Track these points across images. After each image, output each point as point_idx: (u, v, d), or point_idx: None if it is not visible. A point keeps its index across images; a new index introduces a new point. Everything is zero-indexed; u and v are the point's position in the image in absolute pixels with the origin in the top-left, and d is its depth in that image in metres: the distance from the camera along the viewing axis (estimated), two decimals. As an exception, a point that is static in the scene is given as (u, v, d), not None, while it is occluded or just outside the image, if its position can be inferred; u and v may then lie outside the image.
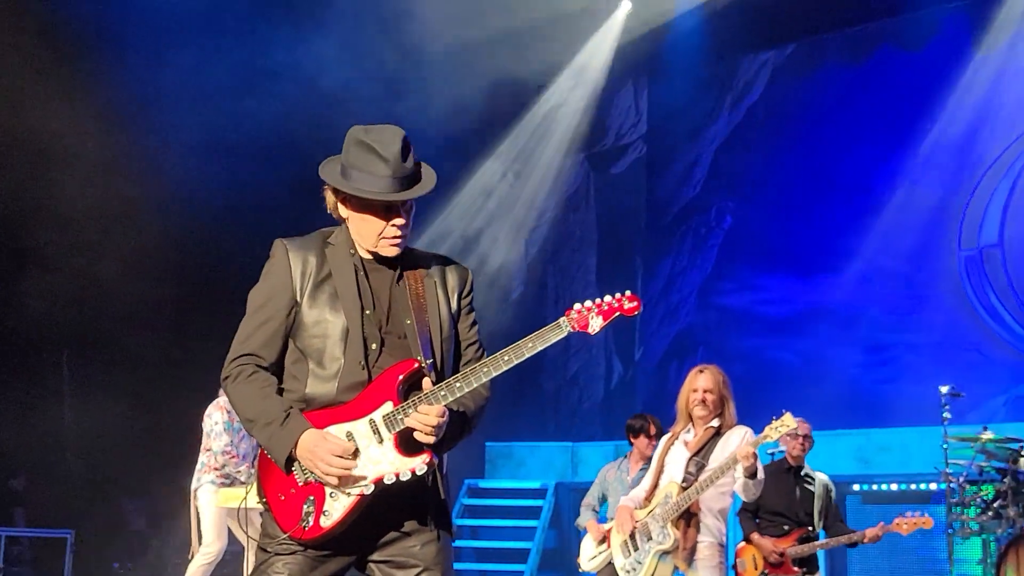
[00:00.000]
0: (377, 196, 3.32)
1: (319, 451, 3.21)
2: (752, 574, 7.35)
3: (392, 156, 3.32)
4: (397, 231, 3.38)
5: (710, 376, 6.28)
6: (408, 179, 3.36)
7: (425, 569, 3.35)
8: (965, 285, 12.02)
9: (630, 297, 3.49)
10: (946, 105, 12.03)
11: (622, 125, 14.33)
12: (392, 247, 3.41)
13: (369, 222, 3.38)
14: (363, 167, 3.33)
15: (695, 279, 13.63)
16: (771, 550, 7.32)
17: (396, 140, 3.36)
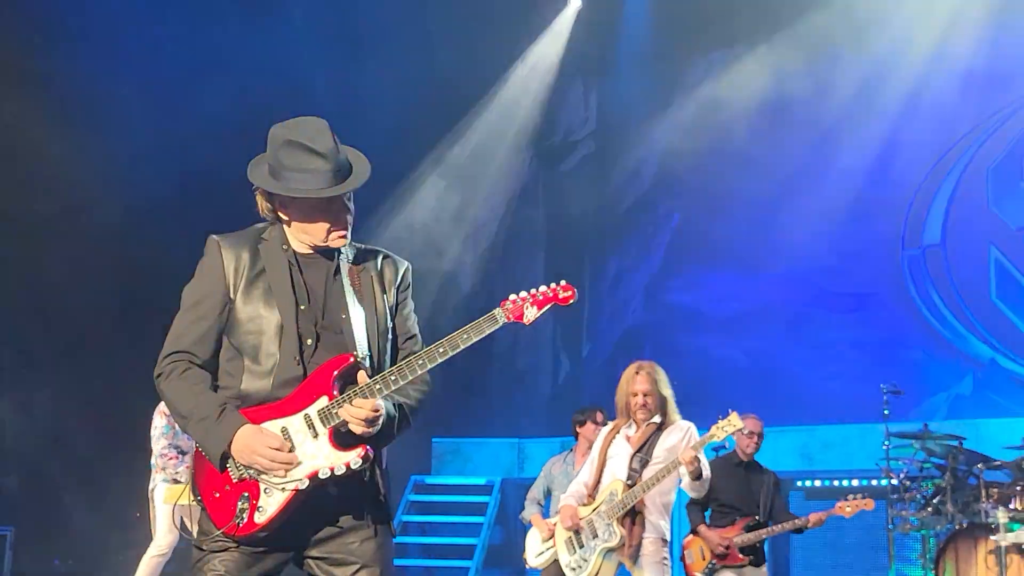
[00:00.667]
0: (324, 193, 3.30)
1: (255, 445, 3.20)
2: (700, 566, 7.38)
3: (327, 150, 3.31)
4: (344, 222, 3.39)
5: (647, 378, 6.29)
6: (345, 169, 3.36)
7: (364, 566, 3.33)
8: (908, 284, 12.18)
9: (564, 287, 3.47)
10: (890, 105, 12.17)
11: (571, 123, 14.36)
12: (341, 239, 3.40)
13: (315, 220, 3.37)
14: (299, 166, 3.30)
15: (643, 277, 13.69)
16: (717, 542, 7.36)
17: (326, 133, 3.34)
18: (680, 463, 5.94)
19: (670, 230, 13.63)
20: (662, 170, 13.72)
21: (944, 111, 12.07)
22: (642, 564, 6.04)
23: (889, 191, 12.28)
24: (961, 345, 11.78)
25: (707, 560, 7.36)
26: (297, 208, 3.38)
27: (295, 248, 3.45)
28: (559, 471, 8.06)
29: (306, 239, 3.42)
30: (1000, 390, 11.32)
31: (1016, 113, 11.90)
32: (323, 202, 3.34)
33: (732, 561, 7.39)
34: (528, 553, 7.71)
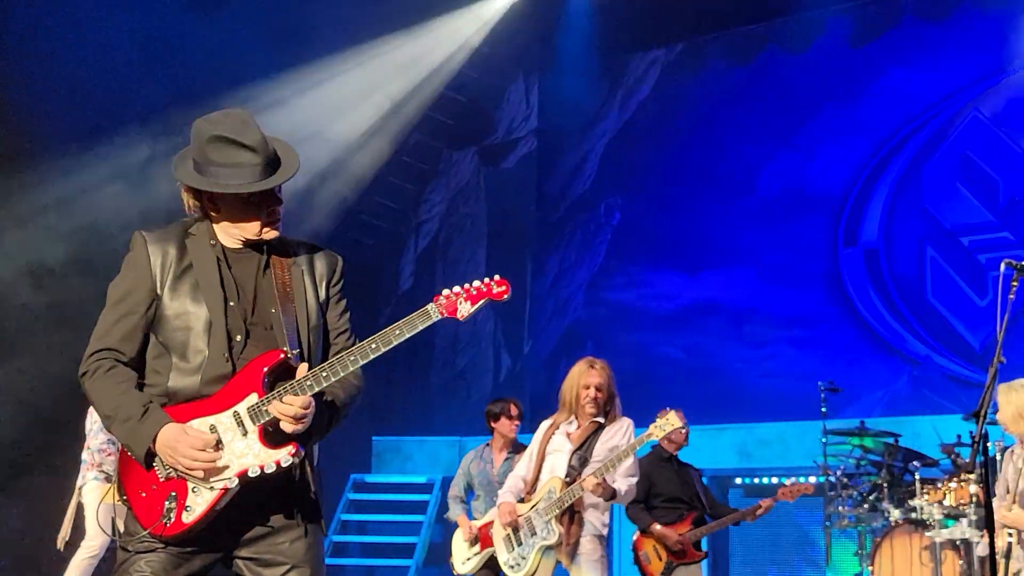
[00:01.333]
0: (255, 188, 3.26)
1: (179, 446, 3.14)
2: (658, 566, 7.33)
3: (256, 143, 3.27)
4: (274, 214, 3.35)
5: (600, 372, 6.29)
6: (274, 161, 3.31)
7: (294, 567, 3.29)
8: (846, 283, 12.30)
9: (499, 281, 3.45)
10: (829, 106, 12.29)
11: (513, 120, 14.32)
12: (273, 231, 3.37)
13: (246, 214, 3.33)
14: (227, 161, 3.26)
15: (584, 274, 13.70)
16: (675, 538, 7.34)
17: (251, 126, 3.30)
18: (620, 459, 5.95)
19: (611, 228, 13.65)
20: (604, 168, 13.74)
21: (883, 111, 12.21)
22: (579, 562, 6.04)
23: (828, 191, 12.39)
24: (898, 343, 11.91)
25: (664, 560, 7.33)
26: (227, 204, 3.33)
27: (223, 243, 3.39)
28: (477, 469, 7.92)
29: (236, 234, 3.37)
30: (935, 388, 11.45)
31: (952, 114, 12.06)
32: (254, 196, 3.29)
33: (690, 558, 7.38)
34: (455, 558, 7.63)
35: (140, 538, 3.21)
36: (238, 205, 3.32)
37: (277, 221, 3.37)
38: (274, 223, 3.36)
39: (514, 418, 7.84)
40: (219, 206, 3.35)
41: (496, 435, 7.96)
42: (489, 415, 8.01)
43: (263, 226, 3.34)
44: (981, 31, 11.71)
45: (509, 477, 6.63)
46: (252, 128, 3.29)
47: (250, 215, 3.32)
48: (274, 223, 3.36)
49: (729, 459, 11.35)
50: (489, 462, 7.89)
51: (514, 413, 7.87)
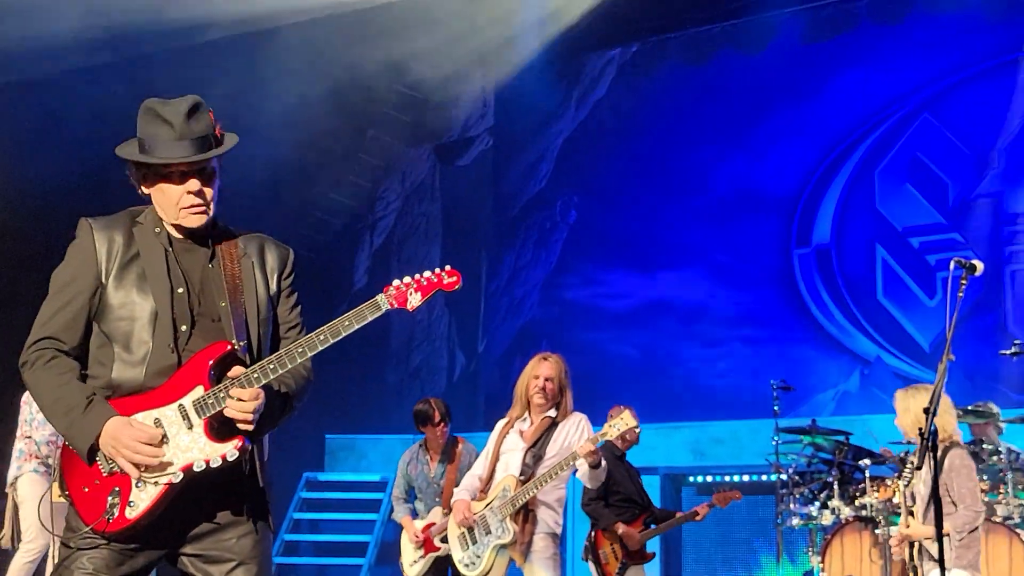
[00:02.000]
0: (161, 160, 3.19)
1: (123, 438, 3.07)
2: (614, 565, 7.35)
3: (176, 119, 3.19)
4: (194, 198, 3.25)
5: (553, 365, 6.29)
6: (199, 142, 3.21)
7: (240, 563, 3.23)
8: (799, 283, 12.40)
9: (449, 272, 3.41)
10: (782, 107, 12.38)
11: (469, 117, 14.31)
12: (194, 216, 3.27)
13: (166, 193, 3.26)
14: (151, 135, 3.20)
15: (539, 273, 13.71)
16: (638, 539, 7.36)
17: (183, 104, 3.23)
18: (576, 456, 5.94)
19: (567, 227, 13.68)
20: (560, 166, 13.76)
21: (836, 113, 12.32)
22: (533, 560, 6.04)
23: (781, 191, 12.49)
24: (849, 343, 12.03)
25: (619, 560, 7.34)
26: (151, 181, 3.27)
27: (170, 232, 3.33)
28: (415, 472, 7.85)
29: (164, 216, 3.31)
30: (885, 387, 11.56)
31: (904, 116, 12.19)
32: (175, 175, 3.23)
33: (643, 558, 7.41)
34: (404, 560, 7.63)
35: (82, 535, 3.14)
36: (159, 182, 3.25)
37: (199, 206, 3.27)
38: (196, 208, 3.27)
39: (436, 424, 7.77)
40: (147, 184, 3.29)
41: (427, 438, 7.89)
42: (416, 418, 7.88)
43: (179, 208, 3.26)
44: (934, 34, 11.85)
45: (466, 476, 6.62)
46: (184, 106, 3.22)
47: (169, 195, 3.25)
48: (196, 208, 3.27)
49: (683, 457, 11.40)
50: (425, 463, 7.83)
51: (436, 419, 7.74)
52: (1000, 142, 11.66)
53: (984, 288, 10.99)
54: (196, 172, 3.23)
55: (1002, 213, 11.58)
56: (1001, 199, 11.62)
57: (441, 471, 7.70)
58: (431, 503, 7.71)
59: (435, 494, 7.71)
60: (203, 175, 3.26)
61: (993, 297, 11.27)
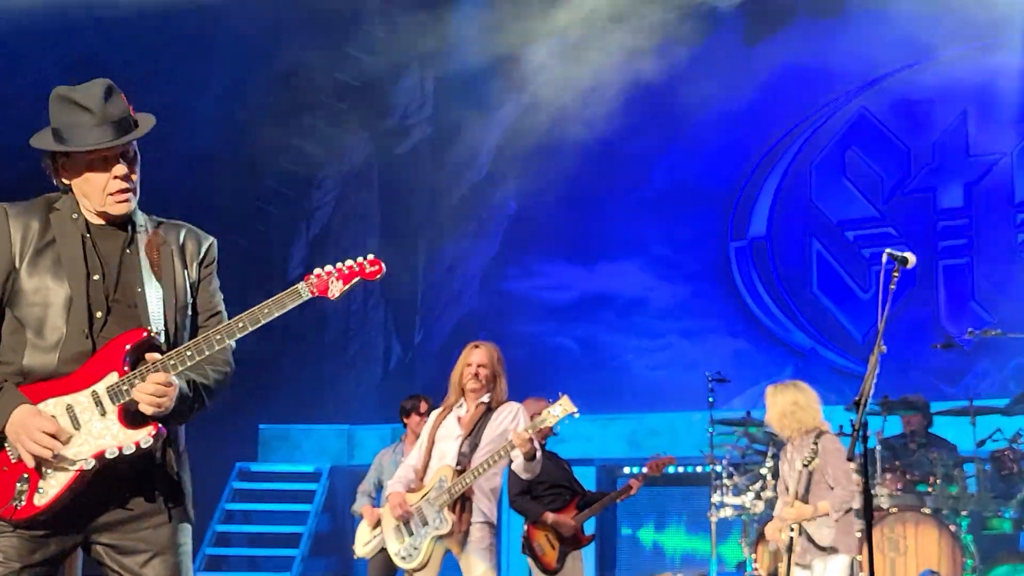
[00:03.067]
0: (87, 147, 3.16)
1: (27, 426, 3.02)
2: (552, 555, 7.31)
3: (94, 104, 3.16)
4: (122, 183, 3.23)
5: (485, 351, 6.30)
6: (118, 125, 3.20)
7: (156, 554, 3.18)
8: (735, 275, 12.49)
9: (372, 261, 3.42)
10: (720, 99, 12.42)
11: (408, 105, 14.20)
12: (121, 203, 3.25)
13: (91, 180, 3.22)
14: (69, 122, 3.16)
15: (479, 264, 13.67)
16: (572, 525, 7.34)
17: (98, 88, 3.21)
18: (512, 446, 5.92)
19: (507, 218, 13.64)
20: (499, 157, 13.71)
21: (773, 106, 12.40)
22: (469, 550, 6.02)
23: (718, 184, 12.56)
24: (783, 335, 12.14)
25: (557, 548, 7.32)
26: (71, 168, 3.24)
27: (87, 218, 3.28)
28: (388, 461, 7.96)
29: (87, 204, 3.27)
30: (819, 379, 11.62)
31: (840, 110, 12.31)
32: (98, 161, 3.20)
33: (582, 543, 7.40)
34: (357, 543, 7.60)
35: None
36: (83, 171, 3.22)
37: (125, 192, 3.25)
38: (121, 194, 3.24)
39: (424, 415, 7.84)
40: (68, 172, 3.25)
41: (408, 431, 8.00)
42: (402, 411, 8.08)
43: (106, 195, 3.23)
44: (871, 29, 11.96)
45: (400, 467, 6.58)
46: (98, 90, 3.20)
47: (93, 182, 3.22)
48: (121, 194, 3.24)
49: (619, 448, 11.44)
50: (400, 454, 7.86)
51: (423, 410, 7.89)
52: (934, 137, 11.82)
53: (917, 282, 11.14)
54: (120, 156, 3.22)
55: (936, 208, 11.74)
56: (935, 194, 11.78)
57: None
58: None
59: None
60: (127, 158, 3.24)
61: (926, 291, 11.43)
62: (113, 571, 3.20)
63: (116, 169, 3.21)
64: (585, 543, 7.47)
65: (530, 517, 7.39)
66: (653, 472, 7.79)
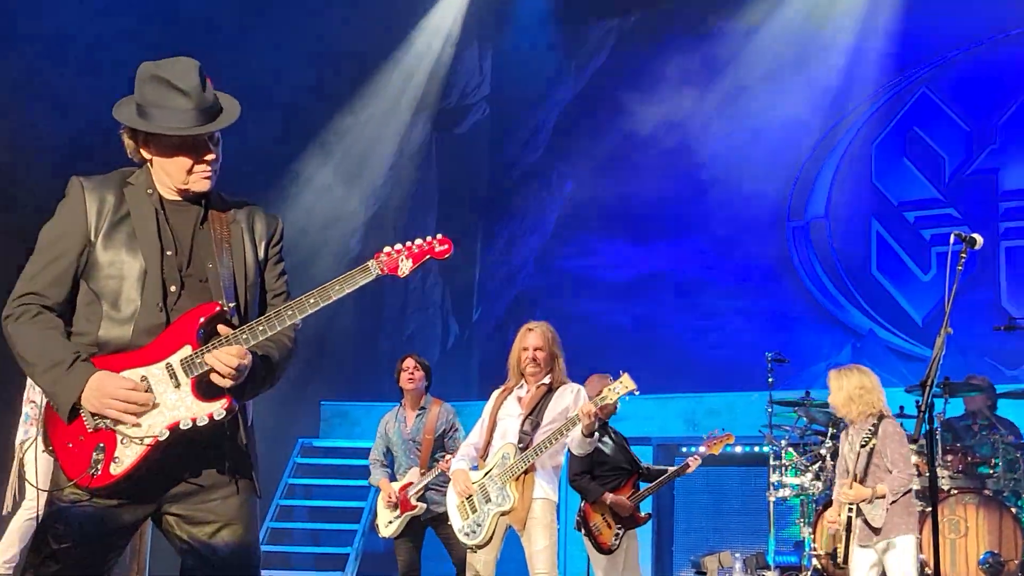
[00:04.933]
0: (184, 131, 3.20)
1: (109, 388, 3.08)
2: (609, 534, 7.33)
3: (192, 88, 3.20)
4: (208, 167, 3.28)
5: (539, 334, 6.33)
6: (210, 111, 3.25)
7: (225, 525, 3.23)
8: (793, 255, 12.43)
9: (441, 240, 3.41)
10: (781, 79, 12.35)
11: (466, 85, 14.25)
12: (204, 180, 3.30)
13: (178, 162, 3.27)
14: (162, 103, 3.20)
15: (535, 242, 13.71)
16: (629, 506, 7.38)
17: (192, 72, 3.23)
18: (575, 422, 5.96)
19: (563, 196, 13.67)
20: (556, 136, 13.73)
21: (832, 86, 12.30)
22: (530, 526, 6.05)
23: (777, 163, 12.48)
24: (842, 316, 12.08)
25: (613, 528, 7.36)
26: (158, 147, 3.27)
27: (161, 193, 3.33)
28: (392, 429, 7.87)
29: (168, 181, 3.31)
30: (877, 360, 11.62)
31: (901, 90, 12.19)
32: (184, 142, 3.24)
33: (636, 522, 7.44)
34: (379, 522, 7.67)
35: (66, 491, 3.14)
36: (167, 150, 3.26)
37: (209, 172, 3.30)
38: (205, 174, 3.29)
39: (406, 370, 7.81)
40: (152, 149, 3.29)
41: (405, 394, 7.91)
42: (395, 374, 7.94)
43: (190, 174, 3.28)
44: (935, 8, 11.83)
45: (462, 445, 6.65)
46: (192, 74, 3.22)
47: (180, 163, 3.26)
48: (205, 174, 3.29)
49: (677, 427, 11.44)
50: (402, 421, 7.83)
51: (406, 365, 7.81)
52: (998, 118, 11.68)
53: (979, 264, 11.03)
54: (208, 139, 3.27)
55: (998, 189, 11.61)
56: (997, 175, 11.65)
57: (418, 428, 7.72)
58: (408, 461, 7.73)
59: (410, 451, 7.74)
60: (213, 141, 3.29)
61: (988, 273, 11.32)
62: (182, 541, 3.24)
63: (205, 154, 3.27)
64: (641, 522, 7.49)
65: (589, 497, 7.43)
66: (711, 450, 7.80)
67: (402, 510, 7.53)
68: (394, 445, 7.81)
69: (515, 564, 6.70)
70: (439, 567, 8.25)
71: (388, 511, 7.58)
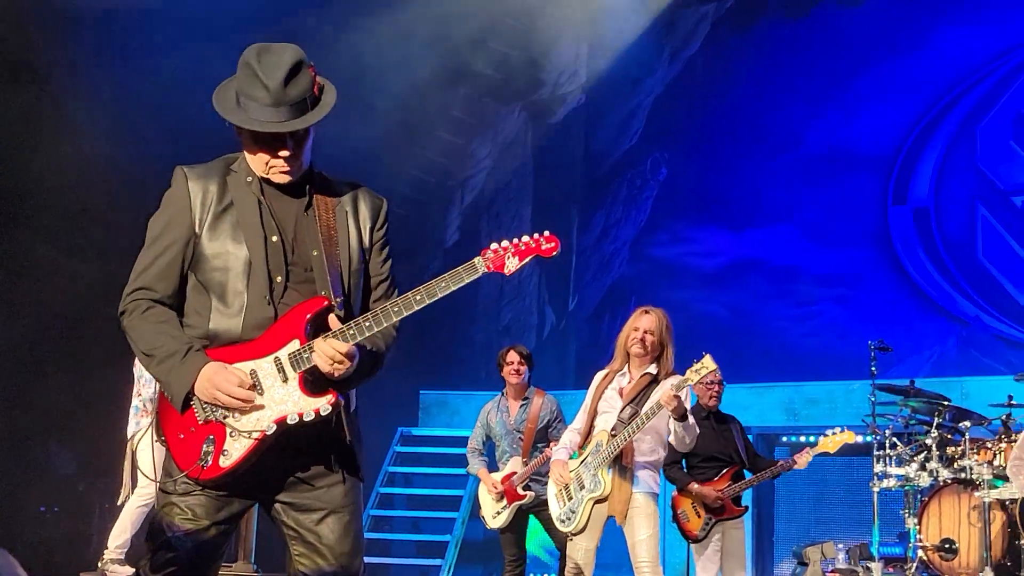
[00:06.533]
0: (254, 127, 3.16)
1: (218, 380, 3.10)
2: (696, 523, 7.30)
3: (274, 83, 3.12)
4: (283, 163, 3.23)
5: (654, 318, 6.23)
6: (293, 106, 3.16)
7: (331, 512, 3.26)
8: (895, 242, 12.21)
9: (548, 238, 3.36)
10: (881, 61, 12.13)
11: (561, 74, 14.25)
12: (281, 175, 3.26)
13: (255, 153, 3.24)
14: (246, 92, 3.16)
15: (629, 230, 13.67)
16: (714, 496, 7.30)
17: (283, 64, 3.15)
18: (660, 407, 5.83)
19: (657, 184, 13.61)
20: (650, 124, 13.67)
21: (937, 67, 12.05)
22: (631, 516, 6.01)
23: (878, 148, 12.27)
24: (946, 303, 11.83)
25: (702, 517, 7.32)
26: (243, 136, 3.25)
27: (262, 181, 3.31)
28: (494, 419, 7.90)
29: (254, 169, 3.29)
30: (984, 348, 11.39)
31: (1007, 73, 11.89)
32: (258, 136, 3.18)
33: (729, 514, 7.36)
34: (484, 513, 7.71)
35: (178, 480, 3.19)
36: (248, 141, 3.24)
37: (285, 169, 3.24)
38: (281, 171, 3.24)
39: (511, 363, 7.83)
40: (241, 137, 3.26)
41: (507, 384, 7.92)
42: (497, 366, 7.99)
43: (269, 167, 3.24)
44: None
45: (565, 432, 6.66)
46: (283, 67, 3.14)
47: (258, 153, 3.23)
48: (281, 171, 3.24)
49: (775, 417, 11.33)
50: (505, 411, 7.86)
51: (511, 359, 7.83)
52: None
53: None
54: (289, 135, 3.19)
55: (1109, 172, 11.29)
56: (1108, 158, 11.33)
57: (521, 418, 7.75)
58: (512, 451, 7.77)
59: (514, 441, 7.77)
60: (295, 137, 3.21)
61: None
62: (288, 527, 3.28)
63: (280, 149, 3.20)
64: (736, 514, 7.40)
65: (678, 486, 7.42)
66: (828, 449, 7.61)
67: (509, 500, 7.57)
68: (497, 435, 7.85)
69: (611, 553, 6.70)
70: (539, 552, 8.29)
71: (494, 502, 7.62)
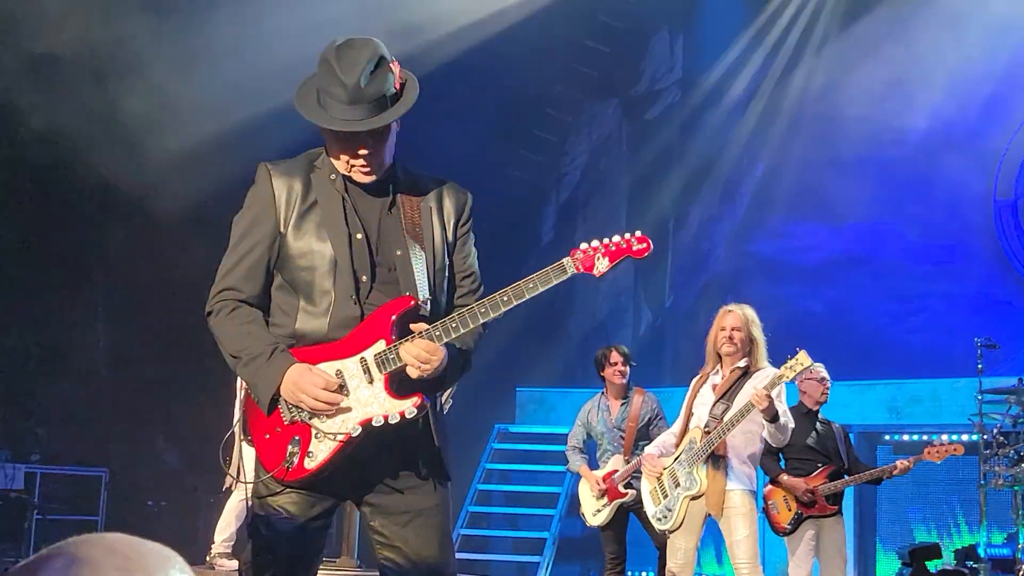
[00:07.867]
0: (331, 126, 3.11)
1: (303, 383, 3.07)
2: (786, 516, 7.23)
3: (351, 81, 3.05)
4: (363, 161, 3.16)
5: (738, 315, 6.21)
6: (372, 105, 3.09)
7: (417, 515, 3.23)
8: (1000, 235, 11.93)
9: (639, 238, 3.25)
10: (985, 51, 11.85)
11: (656, 71, 14.20)
12: (362, 174, 3.20)
13: (335, 151, 3.20)
14: (325, 89, 3.10)
15: (726, 227, 13.57)
16: (804, 489, 7.20)
17: (361, 60, 3.08)
18: (751, 407, 5.78)
19: (754, 179, 13.47)
20: (747, 119, 13.54)
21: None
22: (729, 515, 5.99)
23: (980, 141, 11.99)
24: (1054, 299, 11.54)
25: (792, 511, 7.24)
26: (324, 133, 3.21)
27: (346, 178, 3.25)
28: (595, 418, 7.89)
29: (336, 167, 3.25)
30: (1093, 345, 11.08)
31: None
32: (336, 134, 3.13)
33: (820, 511, 7.25)
34: (585, 510, 7.72)
35: (264, 480, 3.19)
36: (329, 139, 3.19)
37: (366, 168, 3.18)
38: (363, 167, 3.17)
39: (614, 364, 7.80)
40: (323, 134, 3.21)
41: (607, 382, 7.91)
42: (596, 365, 7.95)
43: (350, 166, 3.18)
44: None
45: (663, 433, 6.65)
46: (360, 64, 3.07)
47: (337, 152, 3.18)
48: (363, 167, 3.17)
49: (878, 415, 11.14)
50: (606, 410, 7.88)
51: (614, 359, 7.80)
52: None
53: None
54: (366, 133, 3.12)
55: None
56: None
57: (622, 416, 7.74)
58: (614, 449, 7.77)
59: (615, 439, 7.77)
60: (373, 136, 3.14)
61: None
62: (375, 531, 3.27)
63: (359, 148, 3.14)
64: (826, 512, 7.28)
65: (770, 476, 7.34)
66: (934, 458, 7.43)
67: (610, 498, 7.59)
68: (598, 433, 7.87)
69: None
70: (638, 552, 8.29)
71: (595, 499, 7.64)
